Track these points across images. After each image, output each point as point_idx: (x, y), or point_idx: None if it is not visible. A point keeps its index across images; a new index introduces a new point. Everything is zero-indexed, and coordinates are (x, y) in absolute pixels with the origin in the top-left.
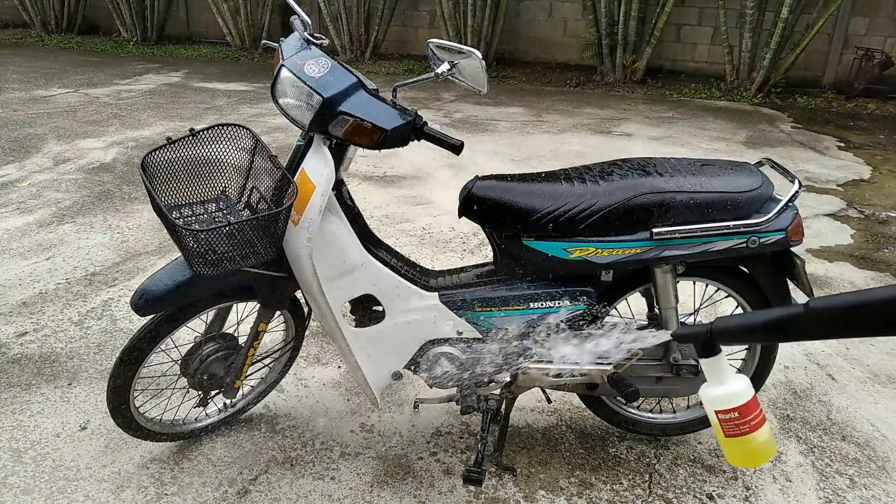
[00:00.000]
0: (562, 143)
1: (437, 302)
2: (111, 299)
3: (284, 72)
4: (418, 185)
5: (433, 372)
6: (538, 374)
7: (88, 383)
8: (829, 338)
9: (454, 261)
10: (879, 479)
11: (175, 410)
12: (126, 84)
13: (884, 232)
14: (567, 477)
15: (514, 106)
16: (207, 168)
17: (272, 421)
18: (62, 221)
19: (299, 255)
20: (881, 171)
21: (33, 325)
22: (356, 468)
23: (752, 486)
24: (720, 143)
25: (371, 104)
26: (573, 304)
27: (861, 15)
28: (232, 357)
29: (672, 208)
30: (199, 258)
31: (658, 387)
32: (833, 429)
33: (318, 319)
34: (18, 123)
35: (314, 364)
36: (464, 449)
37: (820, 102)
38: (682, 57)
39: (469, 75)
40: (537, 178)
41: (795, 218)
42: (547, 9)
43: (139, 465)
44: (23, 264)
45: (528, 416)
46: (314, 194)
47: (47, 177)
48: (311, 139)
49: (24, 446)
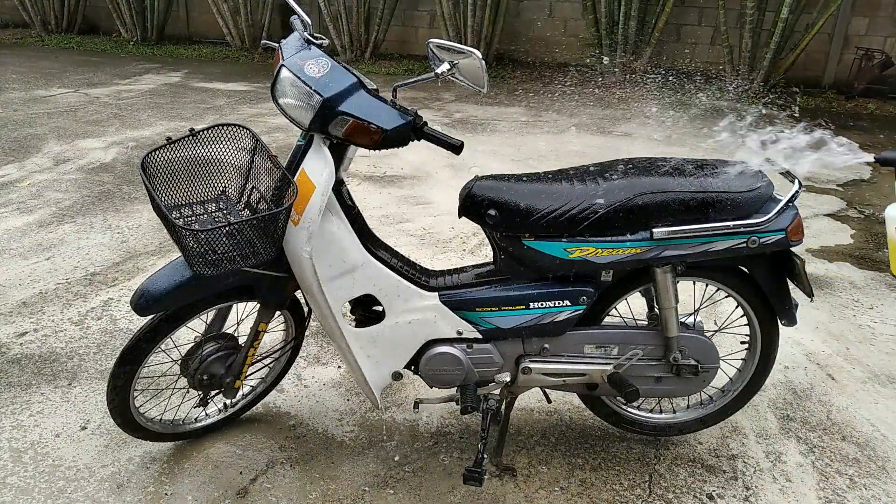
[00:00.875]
0: (562, 143)
1: (437, 302)
2: (111, 299)
3: (284, 72)
4: (418, 185)
5: (433, 372)
6: (538, 373)
7: (88, 383)
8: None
9: (454, 261)
10: (879, 479)
11: (175, 410)
12: (126, 84)
13: (884, 232)
14: (567, 477)
15: (514, 106)
16: (207, 168)
17: (272, 421)
18: (62, 221)
19: (299, 255)
20: (881, 171)
21: (33, 325)
22: (356, 468)
23: (752, 486)
24: None
25: (371, 104)
26: (573, 305)
27: (861, 15)
28: (232, 357)
29: (672, 208)
30: (199, 258)
31: (658, 387)
32: (833, 429)
33: (318, 319)
34: (18, 123)
35: (314, 364)
36: (464, 449)
37: (820, 102)
38: (682, 57)
39: (469, 75)
40: (537, 178)
41: (795, 218)
42: (547, 9)
43: (139, 465)
44: (23, 264)
45: (528, 416)
46: (314, 194)
47: (47, 177)
48: (311, 139)
49: (24, 446)
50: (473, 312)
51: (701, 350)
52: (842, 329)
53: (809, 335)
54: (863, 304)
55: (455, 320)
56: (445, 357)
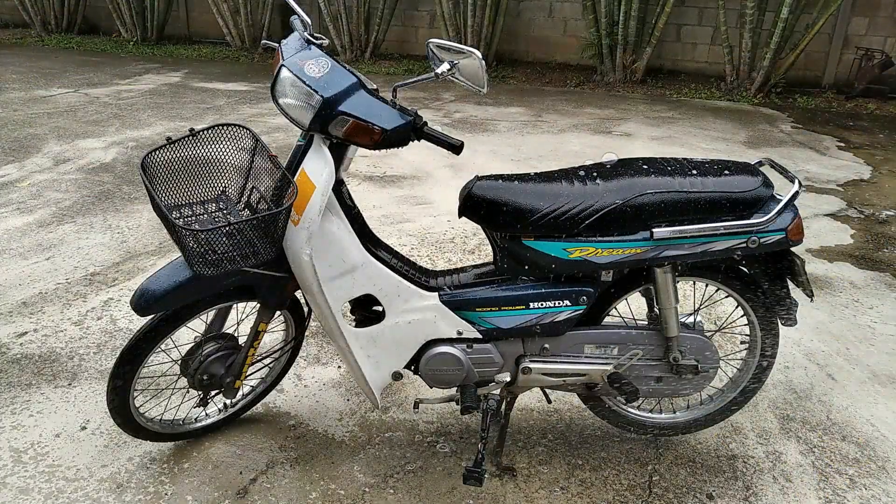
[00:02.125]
0: (562, 143)
1: (437, 302)
2: (111, 299)
3: (284, 72)
4: (418, 185)
5: (433, 372)
6: (538, 373)
7: (88, 383)
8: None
9: (454, 261)
10: (879, 479)
11: (175, 410)
12: (126, 84)
13: (884, 232)
14: (567, 477)
15: (514, 106)
16: (207, 168)
17: (272, 421)
18: (62, 221)
19: (299, 255)
20: (881, 171)
21: (33, 325)
22: (356, 468)
23: (752, 486)
24: (720, 143)
25: (371, 104)
26: (573, 305)
27: (861, 15)
28: (232, 357)
29: (672, 208)
30: (199, 258)
31: (658, 387)
32: (833, 429)
33: (318, 319)
34: (18, 123)
35: (314, 364)
36: (464, 449)
37: (820, 102)
38: (682, 57)
39: (469, 75)
40: (537, 178)
41: (795, 218)
42: (547, 9)
43: (139, 465)
44: (23, 264)
45: (528, 416)
46: (314, 194)
47: (47, 177)
48: (311, 139)
49: (24, 446)
50: (473, 312)
51: (701, 350)
52: (842, 329)
53: (809, 335)
54: (863, 304)
55: (455, 320)
56: (445, 357)
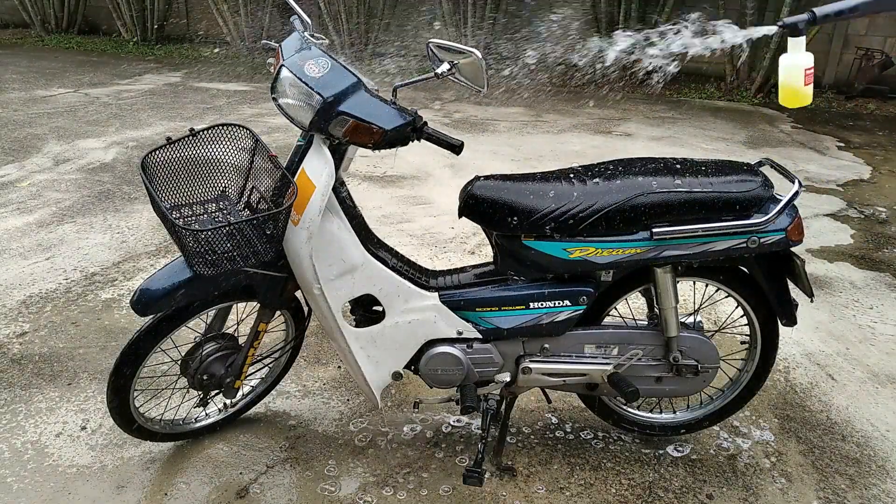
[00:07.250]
0: (562, 143)
1: (438, 302)
2: (111, 299)
3: (284, 72)
4: (418, 185)
5: (433, 372)
6: (538, 373)
7: (88, 383)
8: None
9: (454, 261)
10: (879, 479)
11: (175, 410)
12: (126, 84)
13: (884, 232)
14: (567, 477)
15: (514, 106)
16: (207, 168)
17: (272, 421)
18: (62, 221)
19: (299, 255)
20: (881, 171)
21: (33, 325)
22: (356, 468)
23: (752, 486)
24: (720, 143)
25: (371, 104)
26: (573, 305)
27: None
28: (232, 357)
29: (672, 208)
30: (199, 258)
31: (658, 387)
32: (833, 429)
33: (318, 319)
34: (18, 123)
35: (314, 364)
36: (464, 449)
37: (820, 102)
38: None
39: (469, 75)
40: (537, 178)
41: (795, 218)
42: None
43: (139, 465)
44: (23, 264)
45: (528, 416)
46: (314, 194)
47: (47, 177)
48: (311, 139)
49: (24, 446)
50: (473, 312)
51: (701, 350)
52: (842, 329)
53: (809, 335)
54: (863, 304)
55: (455, 320)
56: (445, 357)
